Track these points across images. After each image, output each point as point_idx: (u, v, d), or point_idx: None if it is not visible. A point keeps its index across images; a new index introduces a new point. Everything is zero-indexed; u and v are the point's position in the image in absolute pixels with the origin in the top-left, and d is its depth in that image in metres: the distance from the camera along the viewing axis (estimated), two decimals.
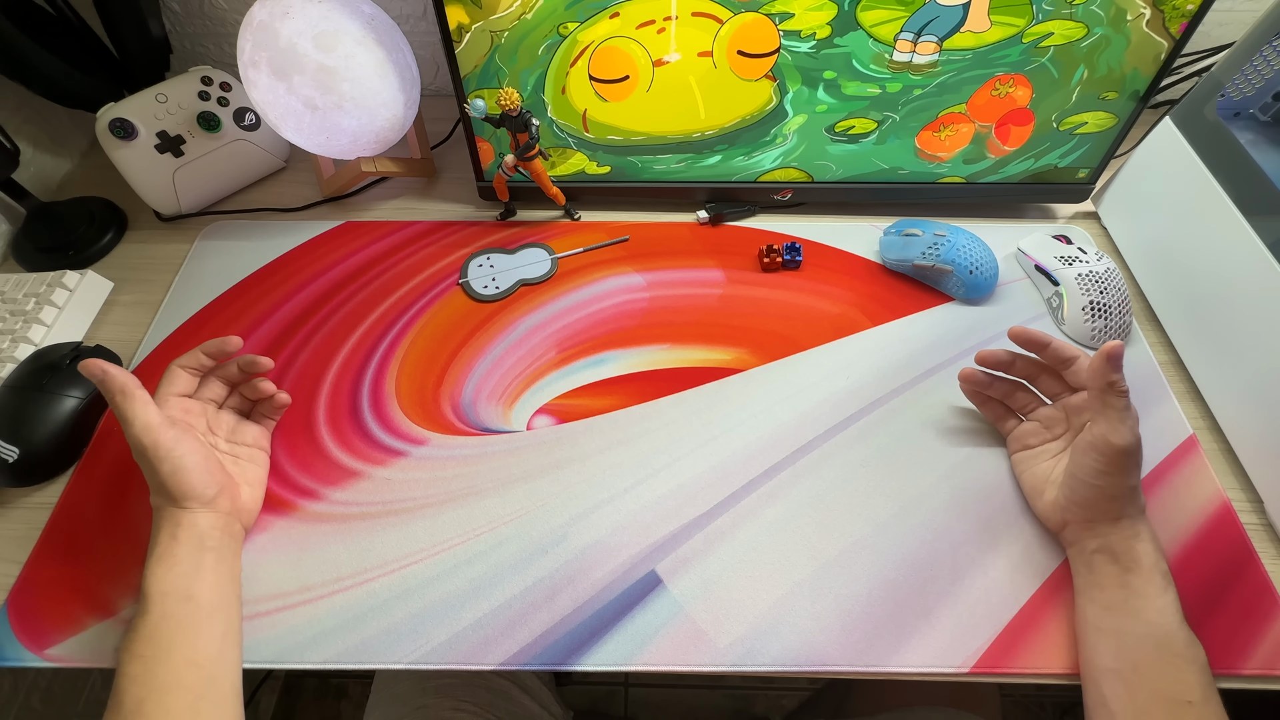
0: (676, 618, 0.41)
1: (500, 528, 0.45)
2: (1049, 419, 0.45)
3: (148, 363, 0.53)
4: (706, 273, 0.59)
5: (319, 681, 1.07)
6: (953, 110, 0.56)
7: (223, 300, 0.57)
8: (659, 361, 0.53)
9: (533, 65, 0.53)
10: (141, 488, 0.41)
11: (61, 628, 0.41)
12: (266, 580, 0.43)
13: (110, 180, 0.61)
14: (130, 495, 0.46)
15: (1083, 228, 0.63)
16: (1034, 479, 0.45)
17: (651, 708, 1.04)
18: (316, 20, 0.52)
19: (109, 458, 0.48)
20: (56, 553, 0.44)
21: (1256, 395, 0.46)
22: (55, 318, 0.54)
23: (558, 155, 0.60)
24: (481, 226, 0.63)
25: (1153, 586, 0.38)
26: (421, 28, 0.72)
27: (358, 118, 0.56)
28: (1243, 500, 0.46)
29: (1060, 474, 0.43)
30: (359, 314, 0.56)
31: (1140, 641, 0.37)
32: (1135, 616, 0.37)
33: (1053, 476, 0.43)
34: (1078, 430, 0.43)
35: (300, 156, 0.69)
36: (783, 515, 0.45)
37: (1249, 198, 0.48)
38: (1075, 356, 0.43)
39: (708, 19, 0.50)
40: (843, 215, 0.64)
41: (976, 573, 0.43)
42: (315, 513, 0.46)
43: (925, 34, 0.51)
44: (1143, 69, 0.52)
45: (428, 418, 0.50)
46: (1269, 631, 0.41)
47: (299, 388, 0.52)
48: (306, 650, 0.40)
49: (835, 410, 0.50)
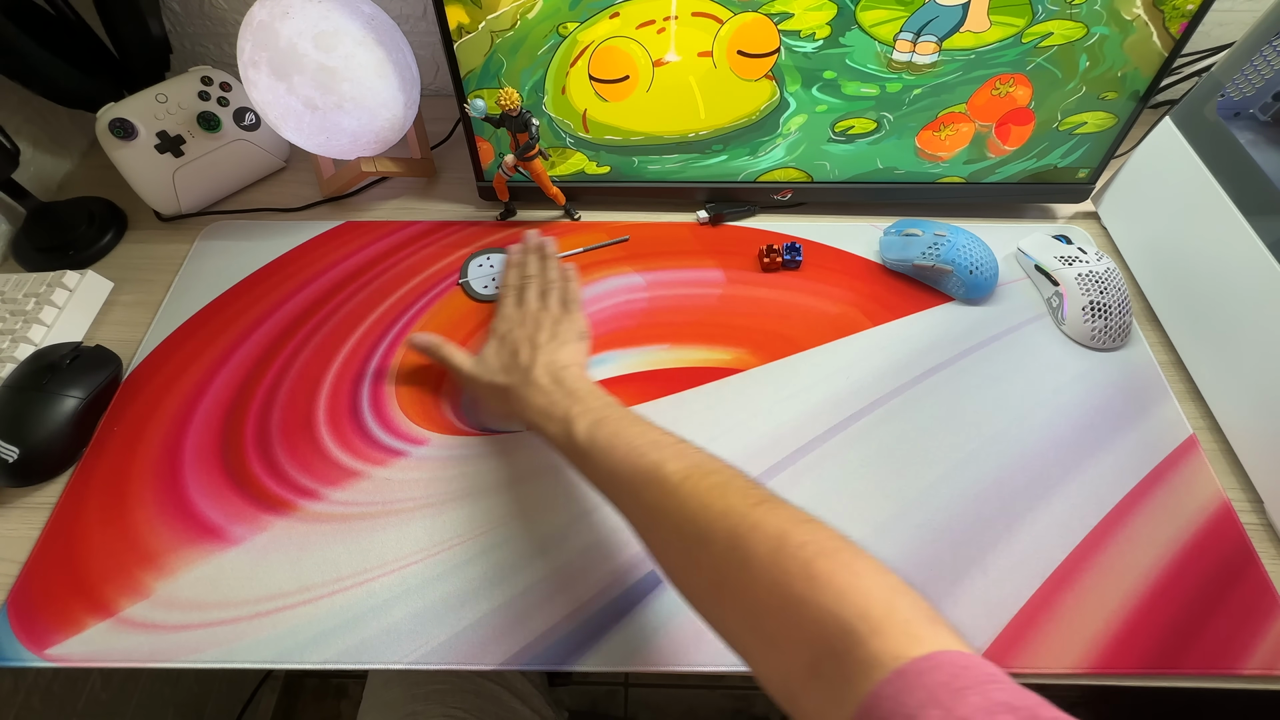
0: (677, 617, 0.41)
1: (500, 528, 0.45)
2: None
3: (148, 363, 0.53)
4: (706, 273, 0.59)
5: (319, 681, 1.08)
6: (953, 110, 0.55)
7: (223, 300, 0.57)
8: (659, 361, 0.53)
9: (533, 65, 0.53)
10: (141, 488, 0.41)
11: (61, 628, 0.41)
12: (266, 580, 0.43)
13: (110, 180, 0.61)
14: (130, 495, 0.46)
15: (1083, 228, 0.63)
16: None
17: (651, 708, 1.04)
18: (316, 20, 0.52)
19: (109, 458, 0.48)
20: (56, 553, 0.44)
21: (1256, 395, 0.46)
22: (55, 318, 0.54)
23: (558, 155, 0.60)
24: (481, 226, 0.63)
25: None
26: (421, 28, 0.72)
27: (358, 118, 0.56)
28: (1243, 500, 0.46)
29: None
30: (359, 314, 0.56)
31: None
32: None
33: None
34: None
35: (300, 156, 0.69)
36: None
37: (1249, 198, 0.48)
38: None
39: (708, 19, 0.50)
40: (843, 215, 0.64)
41: (976, 572, 0.43)
42: (315, 513, 0.46)
43: (925, 34, 0.51)
44: (1143, 69, 0.52)
45: (428, 418, 0.50)
46: (1269, 631, 0.41)
47: (299, 388, 0.52)
48: (306, 650, 0.40)
49: (835, 410, 0.50)
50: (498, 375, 0.46)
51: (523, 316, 0.50)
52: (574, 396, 0.42)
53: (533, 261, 0.55)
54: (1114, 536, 0.44)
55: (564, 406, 0.41)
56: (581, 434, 0.39)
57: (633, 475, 0.36)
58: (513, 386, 0.45)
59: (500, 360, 0.47)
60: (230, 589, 0.42)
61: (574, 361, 0.46)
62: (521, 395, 0.44)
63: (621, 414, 0.40)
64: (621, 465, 0.36)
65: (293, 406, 0.51)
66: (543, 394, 0.43)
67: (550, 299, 0.51)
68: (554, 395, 0.42)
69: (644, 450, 0.36)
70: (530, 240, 0.57)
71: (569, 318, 0.50)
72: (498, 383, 0.46)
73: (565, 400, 0.42)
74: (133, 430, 0.49)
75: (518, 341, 0.47)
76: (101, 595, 0.42)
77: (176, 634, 0.41)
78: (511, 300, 0.52)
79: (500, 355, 0.48)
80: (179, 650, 0.40)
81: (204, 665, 0.40)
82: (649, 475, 0.35)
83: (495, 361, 0.47)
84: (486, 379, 0.47)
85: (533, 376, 0.44)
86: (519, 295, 0.52)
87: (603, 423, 0.39)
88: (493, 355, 0.48)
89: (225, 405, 0.51)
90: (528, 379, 0.44)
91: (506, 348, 0.48)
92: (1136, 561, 0.43)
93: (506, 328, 0.50)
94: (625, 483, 0.36)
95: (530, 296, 0.52)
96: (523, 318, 0.50)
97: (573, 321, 0.50)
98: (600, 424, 0.39)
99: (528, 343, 0.47)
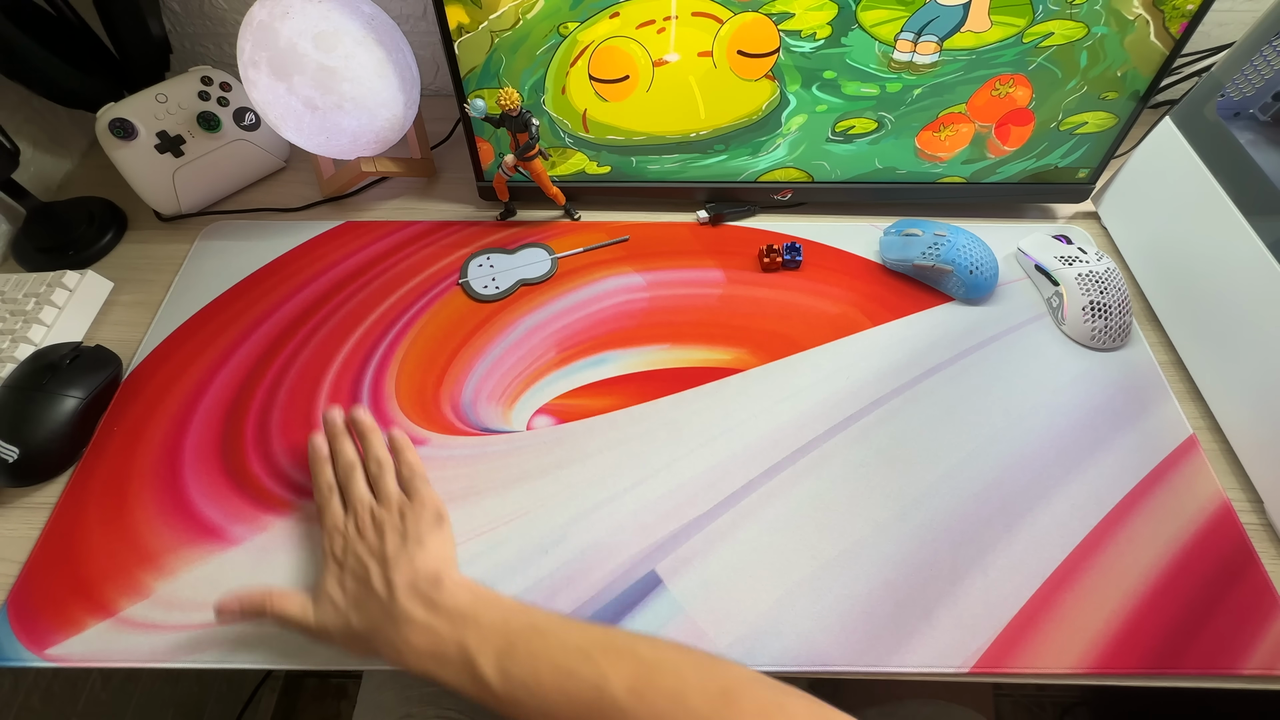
0: (676, 618, 0.41)
1: (500, 528, 0.45)
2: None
3: (148, 363, 0.53)
4: (706, 273, 0.59)
5: (319, 681, 1.07)
6: (953, 110, 0.56)
7: (223, 300, 0.57)
8: (659, 361, 0.53)
9: (533, 65, 0.53)
10: (141, 488, 0.41)
11: (61, 628, 0.41)
12: (266, 580, 0.43)
13: (110, 180, 0.61)
14: (130, 495, 0.46)
15: (1083, 228, 0.63)
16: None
17: None
18: (316, 20, 0.52)
19: (109, 458, 0.48)
20: (56, 553, 0.44)
21: (1256, 395, 0.46)
22: (55, 318, 0.54)
23: (558, 155, 0.60)
24: (481, 226, 0.63)
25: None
26: (421, 28, 0.72)
27: (358, 118, 0.56)
28: (1243, 500, 0.46)
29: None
30: (359, 314, 0.56)
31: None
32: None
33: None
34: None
35: (300, 156, 0.69)
36: (783, 515, 0.45)
37: (1249, 198, 0.48)
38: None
39: (708, 19, 0.50)
40: (843, 215, 0.64)
41: (976, 573, 0.43)
42: (315, 513, 0.45)
43: (926, 34, 0.51)
44: (1143, 69, 0.52)
45: (428, 418, 0.50)
46: (1269, 631, 0.41)
47: (299, 387, 0.52)
48: (306, 650, 0.40)
49: (835, 410, 0.50)
50: (351, 618, 0.36)
51: (357, 524, 0.40)
52: (462, 620, 0.34)
53: (345, 447, 0.43)
54: (1114, 536, 0.44)
55: (455, 639, 0.33)
56: (491, 673, 0.31)
57: (573, 710, 0.30)
58: (376, 629, 0.35)
59: (347, 595, 0.37)
60: (230, 589, 0.42)
61: (442, 564, 0.37)
62: (392, 638, 0.34)
63: (525, 624, 0.33)
64: (556, 700, 0.30)
65: (293, 406, 0.51)
66: (421, 630, 0.34)
67: (384, 485, 0.41)
68: (436, 627, 0.34)
69: (574, 669, 0.30)
70: (332, 420, 0.45)
71: (415, 502, 0.40)
72: (353, 629, 0.36)
73: (452, 629, 0.34)
74: (133, 430, 0.49)
75: (361, 561, 0.37)
76: (101, 595, 0.42)
77: (176, 634, 0.41)
78: (335, 506, 0.41)
79: (344, 587, 0.37)
80: (179, 650, 0.40)
81: (204, 665, 0.40)
82: (593, 704, 0.29)
83: (341, 598, 0.37)
84: (337, 627, 0.36)
85: (398, 608, 0.35)
86: (342, 496, 0.42)
87: (512, 649, 0.32)
88: (335, 589, 0.37)
89: (225, 405, 0.51)
90: (392, 613, 0.35)
91: (350, 574, 0.37)
92: (1136, 561, 0.43)
93: (341, 545, 0.39)
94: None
95: (357, 493, 0.41)
96: (358, 526, 0.39)
97: (422, 506, 0.40)
98: (509, 651, 0.32)
99: (375, 559, 0.37)
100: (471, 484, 0.47)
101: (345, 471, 0.42)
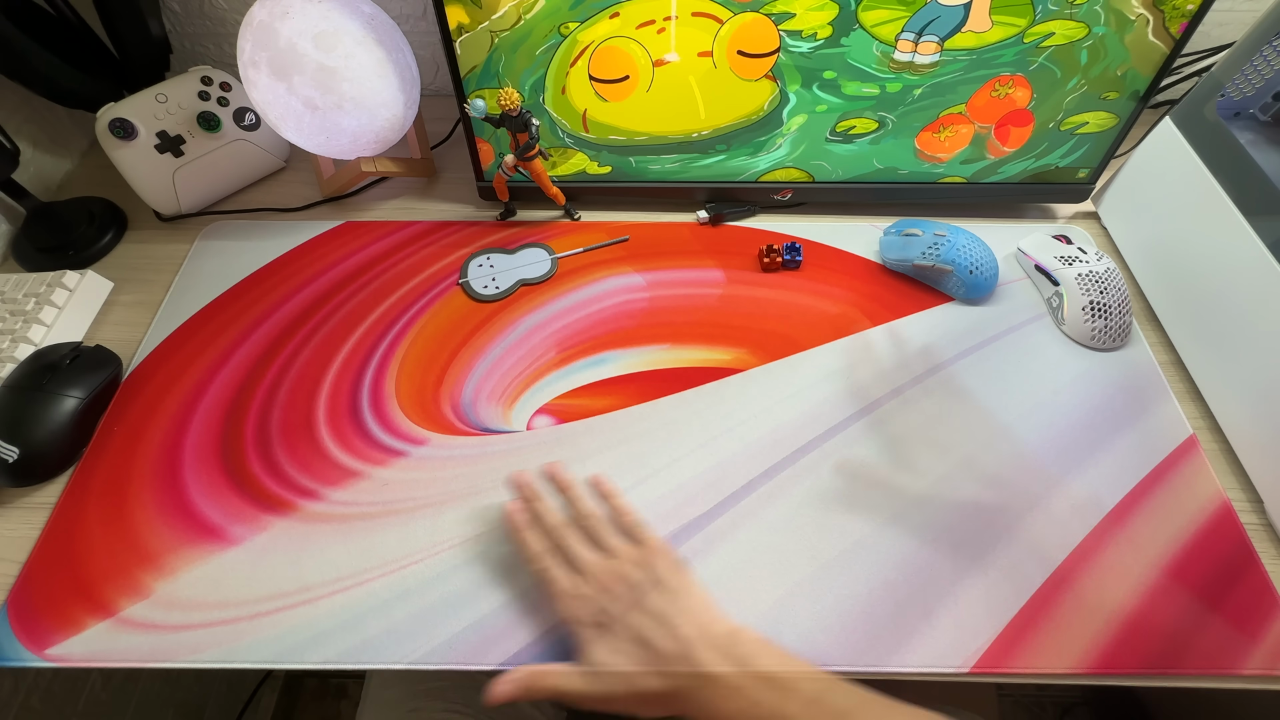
0: None
1: (500, 527, 0.45)
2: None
3: (148, 363, 0.53)
4: (706, 273, 0.59)
5: (319, 681, 1.07)
6: (952, 111, 0.55)
7: (223, 300, 0.57)
8: (659, 361, 0.53)
9: (533, 65, 0.53)
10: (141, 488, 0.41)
11: (61, 628, 0.41)
12: (266, 580, 0.43)
13: (110, 180, 0.61)
14: (130, 495, 0.46)
15: (1083, 228, 0.63)
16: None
17: None
18: (316, 20, 0.52)
19: (109, 458, 0.48)
20: (56, 553, 0.44)
21: (1256, 395, 0.46)
22: (55, 318, 0.54)
23: (558, 155, 0.60)
24: (481, 226, 0.63)
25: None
26: (421, 28, 0.72)
27: (358, 118, 0.56)
28: (1243, 500, 0.46)
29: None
30: (359, 314, 0.56)
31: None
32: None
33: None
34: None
35: (300, 156, 0.69)
36: (783, 515, 0.45)
37: (1249, 198, 0.48)
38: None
39: (708, 19, 0.50)
40: (843, 215, 0.64)
41: (976, 573, 0.43)
42: (315, 513, 0.46)
43: (926, 34, 0.51)
44: (1143, 69, 0.52)
45: (428, 418, 0.50)
46: (1269, 631, 0.41)
47: (299, 388, 0.52)
48: (306, 650, 0.40)
49: (835, 410, 0.50)
50: (647, 683, 0.34)
51: (596, 584, 0.37)
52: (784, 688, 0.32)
53: (544, 509, 0.41)
54: (1114, 536, 0.44)
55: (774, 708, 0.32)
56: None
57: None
58: (679, 689, 0.34)
59: (627, 654, 0.35)
60: (230, 589, 0.42)
61: (717, 611, 0.36)
62: (699, 699, 0.33)
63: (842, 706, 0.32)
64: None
65: (293, 406, 0.51)
66: (733, 693, 0.32)
67: (608, 540, 0.39)
68: (751, 691, 0.32)
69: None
70: (524, 482, 0.42)
71: (648, 550, 0.38)
72: (653, 692, 0.34)
73: (773, 698, 0.32)
74: (133, 430, 0.49)
75: (629, 624, 0.35)
76: (101, 595, 0.42)
77: (176, 634, 0.41)
78: (560, 573, 0.39)
79: (619, 648, 0.35)
80: (179, 650, 0.40)
81: (204, 665, 0.40)
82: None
83: (624, 664, 0.35)
84: (629, 693, 0.34)
85: (698, 658, 0.33)
86: (565, 561, 0.39)
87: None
88: (611, 657, 0.35)
89: (225, 405, 0.51)
90: (697, 671, 0.33)
91: (624, 639, 0.35)
92: (1136, 561, 0.43)
93: (592, 610, 0.37)
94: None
95: (581, 554, 0.39)
96: (598, 585, 0.37)
97: (656, 553, 0.38)
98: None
99: (647, 617, 0.35)
100: (472, 484, 0.47)
101: (557, 534, 0.40)
